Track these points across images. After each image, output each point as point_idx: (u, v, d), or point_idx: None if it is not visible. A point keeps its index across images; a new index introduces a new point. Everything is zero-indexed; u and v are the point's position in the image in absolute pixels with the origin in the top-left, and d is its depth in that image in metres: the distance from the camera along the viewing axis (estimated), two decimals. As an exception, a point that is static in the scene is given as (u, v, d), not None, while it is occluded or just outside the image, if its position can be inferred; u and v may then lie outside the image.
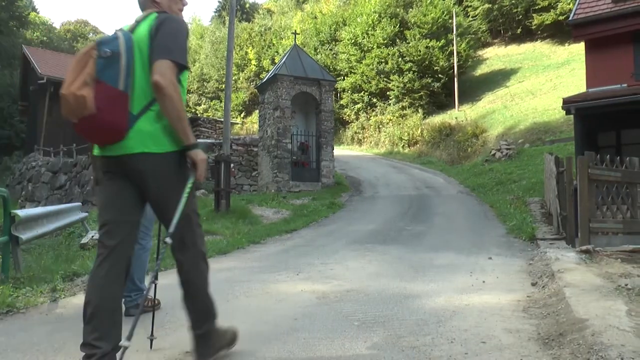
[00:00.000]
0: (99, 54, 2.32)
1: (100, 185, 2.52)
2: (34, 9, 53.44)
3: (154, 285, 2.79)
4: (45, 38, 48.99)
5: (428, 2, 34.13)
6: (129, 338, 2.23)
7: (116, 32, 2.42)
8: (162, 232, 2.84)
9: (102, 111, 2.26)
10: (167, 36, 2.41)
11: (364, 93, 34.73)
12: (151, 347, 2.96)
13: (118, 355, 2.26)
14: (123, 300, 3.41)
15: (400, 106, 32.75)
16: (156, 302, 3.70)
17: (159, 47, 2.38)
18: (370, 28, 34.84)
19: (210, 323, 2.68)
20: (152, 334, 2.96)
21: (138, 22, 2.49)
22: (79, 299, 4.33)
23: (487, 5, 37.62)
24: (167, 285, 4.91)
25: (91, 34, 72.38)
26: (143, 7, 2.62)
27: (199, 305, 2.65)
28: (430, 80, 32.31)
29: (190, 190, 2.50)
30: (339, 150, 24.64)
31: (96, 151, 2.52)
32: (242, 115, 44.31)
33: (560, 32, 34.11)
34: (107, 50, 2.33)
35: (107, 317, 2.37)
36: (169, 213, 2.46)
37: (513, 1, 36.24)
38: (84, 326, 2.37)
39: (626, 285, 3.97)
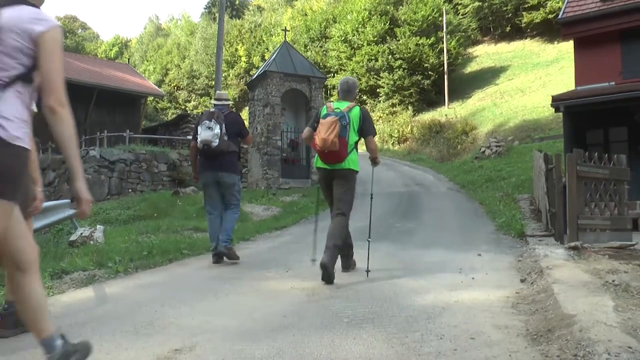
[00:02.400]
0: (341, 123, 4.84)
1: (320, 183, 5.28)
2: (22, 4, 52.74)
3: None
4: (32, 33, 48.39)
5: (418, -1, 34.22)
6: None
7: (343, 112, 4.91)
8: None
9: (340, 150, 4.84)
10: (369, 123, 5.10)
11: (354, 90, 34.71)
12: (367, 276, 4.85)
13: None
14: (221, 243, 5.83)
15: (390, 103, 32.83)
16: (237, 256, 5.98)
17: (368, 129, 5.06)
18: (360, 25, 34.87)
19: (351, 248, 5.33)
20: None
21: (350, 108, 4.98)
22: (68, 297, 4.30)
23: (477, 3, 37.75)
24: (159, 282, 4.90)
25: (80, 29, 71.77)
26: (345, 99, 5.17)
27: (338, 241, 4.90)
28: (420, 78, 32.39)
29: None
30: (329, 148, 24.57)
31: (321, 165, 5.05)
32: (232, 112, 44.12)
33: (550, 30, 34.30)
34: (345, 122, 4.87)
35: (334, 238, 4.87)
36: (338, 196, 5.07)
37: (503, -1, 36.40)
38: (327, 241, 4.85)
39: (613, 281, 4.01)
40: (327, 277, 4.63)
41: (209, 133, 5.75)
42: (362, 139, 5.08)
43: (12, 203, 2.23)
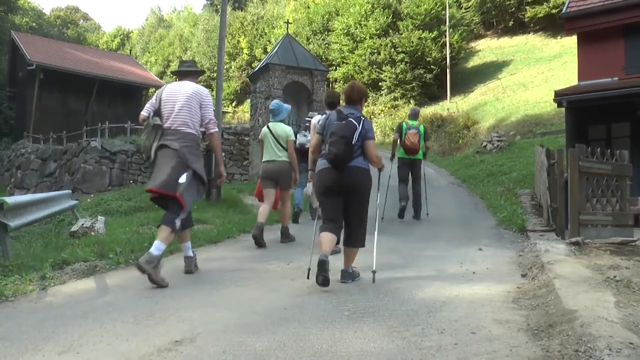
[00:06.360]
0: (418, 132, 8.95)
1: (399, 166, 9.19)
2: (24, -6, 52.54)
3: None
4: (34, 24, 48.19)
5: (421, -8, 34.01)
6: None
7: (416, 126, 9.06)
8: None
9: (417, 147, 8.96)
10: (428, 135, 9.43)
11: (356, 83, 34.55)
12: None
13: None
14: (296, 208, 8.99)
15: (392, 97, 32.72)
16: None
17: (428, 136, 9.44)
18: (363, 18, 34.68)
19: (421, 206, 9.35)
20: None
21: (419, 124, 9.12)
22: (69, 287, 4.31)
23: (480, -3, 37.55)
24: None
25: (82, 20, 71.51)
26: (413, 119, 9.28)
27: (418, 201, 9.25)
28: (422, 72, 32.25)
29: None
30: (330, 141, 24.51)
31: (405, 156, 9.11)
32: (233, 104, 44.10)
33: (553, 25, 34.11)
34: (419, 133, 8.99)
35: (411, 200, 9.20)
36: (415, 175, 9.22)
37: (506, -7, 36.20)
38: (414, 200, 9.26)
39: (615, 277, 4.01)
40: (399, 214, 9.07)
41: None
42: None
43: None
